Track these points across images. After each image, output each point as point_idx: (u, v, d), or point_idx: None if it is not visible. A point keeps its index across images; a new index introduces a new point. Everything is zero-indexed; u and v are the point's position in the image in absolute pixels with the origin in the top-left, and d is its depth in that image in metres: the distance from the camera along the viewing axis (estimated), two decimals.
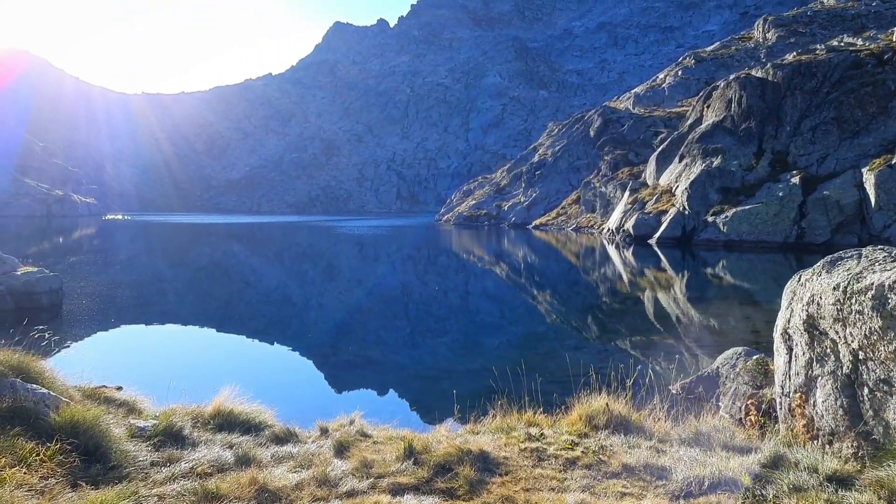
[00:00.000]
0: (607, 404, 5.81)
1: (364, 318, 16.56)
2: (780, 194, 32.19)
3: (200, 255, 37.67)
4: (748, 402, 5.58)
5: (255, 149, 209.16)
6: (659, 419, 5.77)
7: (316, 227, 73.84)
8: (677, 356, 11.11)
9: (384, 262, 34.28)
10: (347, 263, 32.98)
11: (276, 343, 13.56)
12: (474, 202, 78.23)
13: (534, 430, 5.50)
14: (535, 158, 74.33)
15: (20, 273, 15.01)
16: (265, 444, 5.10)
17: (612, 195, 49.58)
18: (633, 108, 70.09)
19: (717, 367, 7.81)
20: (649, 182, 43.69)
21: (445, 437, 5.38)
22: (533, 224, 61.33)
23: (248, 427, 5.48)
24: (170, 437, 4.88)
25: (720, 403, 6.87)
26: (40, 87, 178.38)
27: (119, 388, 6.53)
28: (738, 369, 7.04)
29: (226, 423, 5.47)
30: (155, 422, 5.12)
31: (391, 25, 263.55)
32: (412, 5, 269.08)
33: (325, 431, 5.61)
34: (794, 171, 33.12)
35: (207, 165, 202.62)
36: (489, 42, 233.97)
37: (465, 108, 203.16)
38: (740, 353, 7.73)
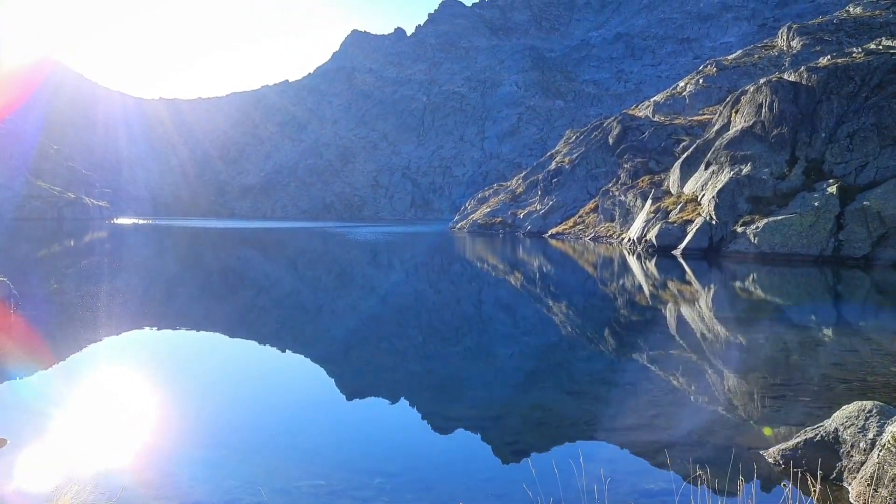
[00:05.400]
0: None
1: (350, 345, 14.71)
2: (816, 204, 30.23)
3: (199, 262, 36.31)
4: None
5: (271, 154, 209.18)
6: None
7: (329, 233, 72.46)
8: (747, 398, 9.28)
9: (393, 269, 32.66)
10: (354, 271, 31.38)
11: (219, 386, 10.15)
12: (489, 210, 76.54)
13: None
14: (552, 166, 72.59)
15: None
16: None
17: (632, 204, 47.75)
18: (653, 116, 68.25)
19: (836, 429, 5.76)
20: (673, 190, 41.82)
21: None
22: (549, 233, 59.52)
23: None
24: None
25: (847, 485, 5.05)
26: (59, 92, 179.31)
27: None
28: (870, 436, 5.15)
29: None
30: None
31: (408, 34, 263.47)
32: (429, 14, 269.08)
33: None
34: (831, 180, 31.15)
35: (223, 171, 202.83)
36: (506, 51, 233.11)
37: (481, 117, 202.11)
38: (872, 412, 5.63)
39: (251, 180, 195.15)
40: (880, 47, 39.35)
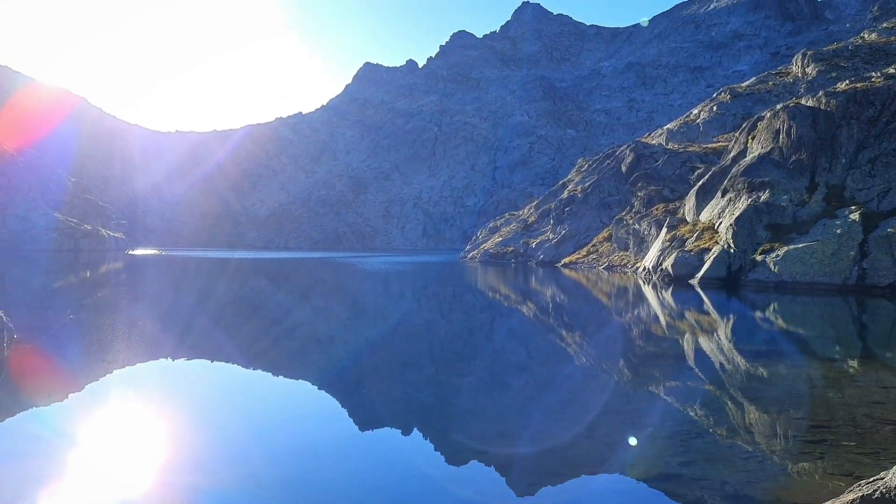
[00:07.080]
0: None
1: (361, 376, 14.07)
2: (838, 231, 29.38)
3: (212, 293, 35.92)
4: None
5: (285, 186, 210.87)
6: None
7: (340, 263, 72.08)
8: (785, 443, 8.45)
9: (405, 299, 32.02)
10: (366, 301, 30.77)
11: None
12: (501, 239, 76.02)
13: None
14: (564, 195, 72.12)
15: None
16: None
17: (646, 232, 47.03)
18: (667, 144, 67.81)
19: None
20: (689, 218, 41.08)
21: None
22: (562, 262, 58.81)
23: None
24: None
25: None
26: (79, 125, 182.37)
27: None
28: None
29: None
30: None
31: (420, 66, 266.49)
32: (441, 46, 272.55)
33: None
34: (853, 207, 30.33)
35: (236, 202, 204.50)
36: (517, 82, 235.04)
37: (493, 147, 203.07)
38: None
39: (264, 212, 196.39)
40: None
